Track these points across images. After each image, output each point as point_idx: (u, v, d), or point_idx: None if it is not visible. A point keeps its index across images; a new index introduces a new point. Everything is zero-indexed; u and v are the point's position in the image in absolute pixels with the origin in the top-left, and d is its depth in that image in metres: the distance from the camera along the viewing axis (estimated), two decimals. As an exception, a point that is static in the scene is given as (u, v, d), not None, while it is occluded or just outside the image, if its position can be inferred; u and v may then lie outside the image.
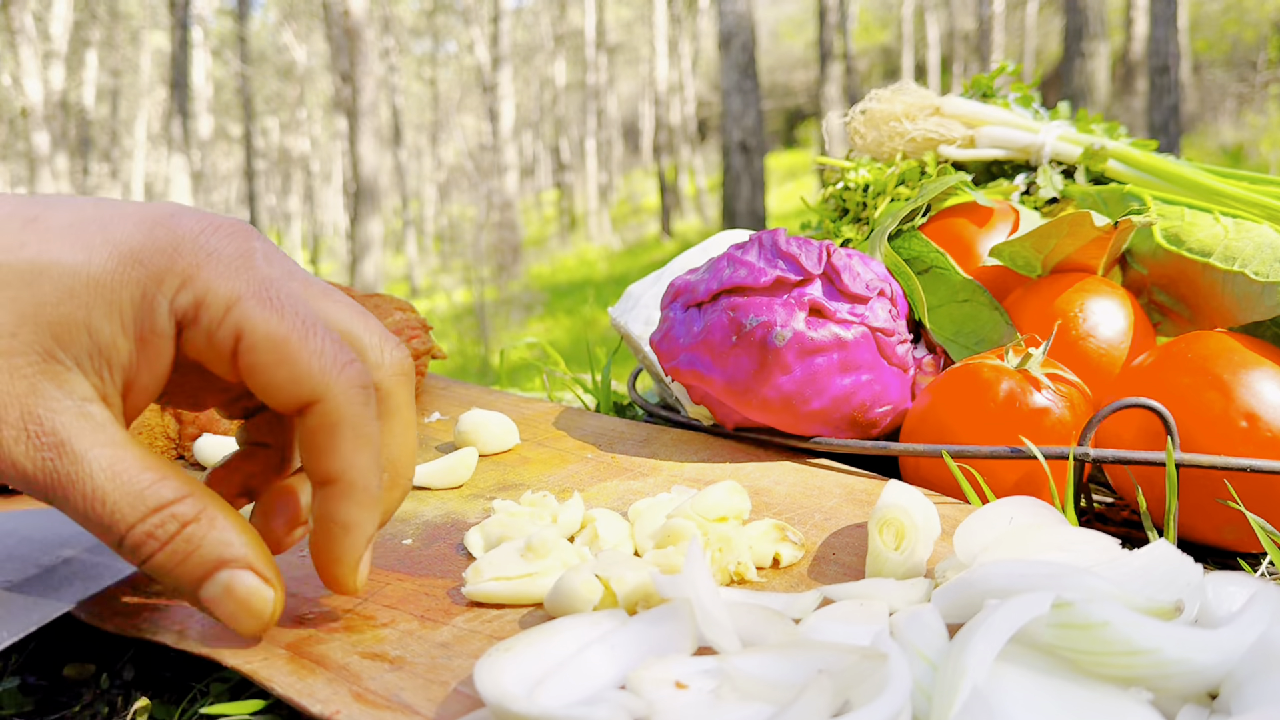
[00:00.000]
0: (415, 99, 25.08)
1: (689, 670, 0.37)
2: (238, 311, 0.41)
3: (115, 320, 0.41)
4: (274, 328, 0.42)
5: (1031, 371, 0.59)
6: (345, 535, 0.44)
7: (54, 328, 0.40)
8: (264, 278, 0.43)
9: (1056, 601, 0.35)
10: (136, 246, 0.41)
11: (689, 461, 0.66)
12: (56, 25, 12.51)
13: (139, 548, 0.41)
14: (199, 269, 0.42)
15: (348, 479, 0.43)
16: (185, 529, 0.42)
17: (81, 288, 0.40)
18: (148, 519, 0.41)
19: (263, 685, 0.41)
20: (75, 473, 0.40)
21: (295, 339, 0.42)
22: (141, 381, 0.43)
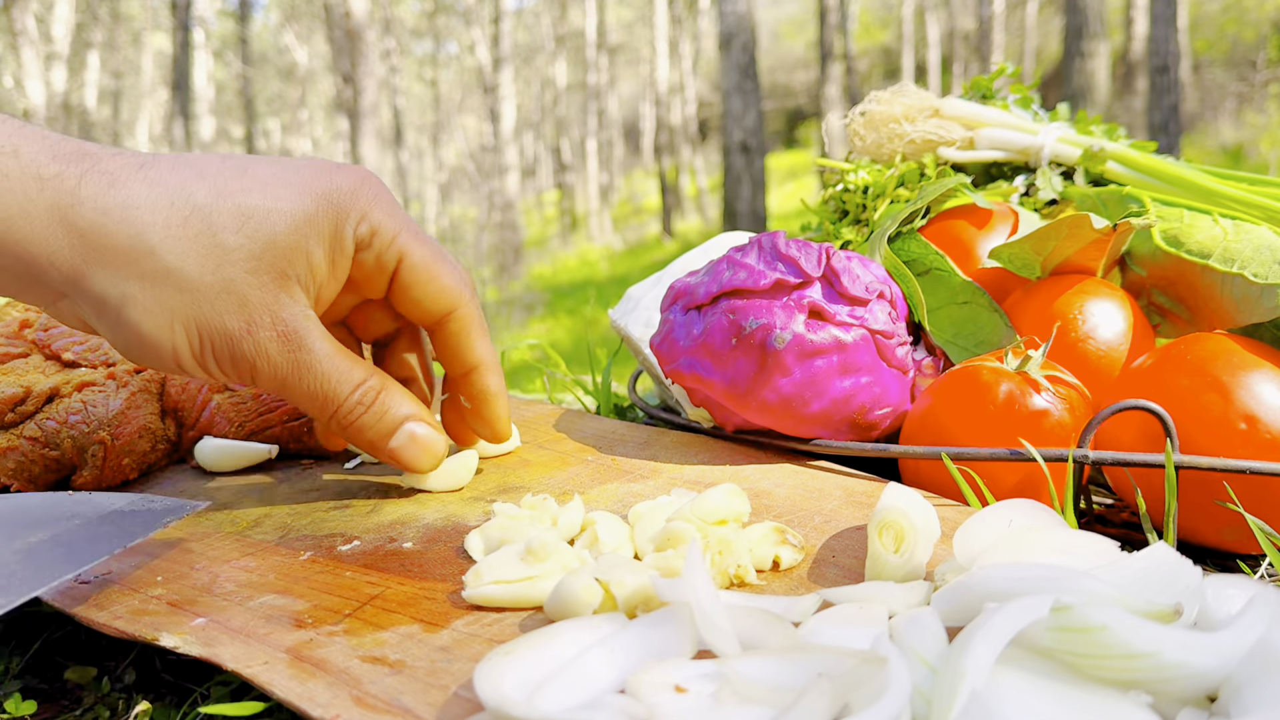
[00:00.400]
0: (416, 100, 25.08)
1: (689, 674, 0.37)
2: (401, 240, 0.58)
3: (321, 246, 0.55)
4: (426, 254, 0.59)
5: (1031, 373, 0.60)
6: (500, 398, 0.64)
7: (286, 252, 0.53)
8: (410, 220, 0.59)
9: (1055, 605, 0.35)
10: (328, 190, 0.55)
11: (689, 464, 0.66)
12: (58, 27, 12.52)
13: (350, 413, 0.57)
14: (372, 208, 0.56)
15: (488, 360, 0.63)
16: (379, 396, 0.58)
17: (301, 222, 0.54)
18: (356, 390, 0.57)
19: (263, 689, 0.41)
20: (310, 361, 0.55)
21: (440, 264, 0.59)
22: (325, 294, 0.57)
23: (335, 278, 0.57)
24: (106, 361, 0.73)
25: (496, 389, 0.64)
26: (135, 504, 0.55)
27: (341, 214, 0.55)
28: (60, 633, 0.57)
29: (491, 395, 0.64)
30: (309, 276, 0.55)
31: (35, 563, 0.48)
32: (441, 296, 0.60)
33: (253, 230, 0.52)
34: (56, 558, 0.49)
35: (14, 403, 0.68)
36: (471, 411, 0.64)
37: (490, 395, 0.64)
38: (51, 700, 0.52)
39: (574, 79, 22.19)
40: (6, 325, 0.79)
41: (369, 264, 0.58)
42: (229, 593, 0.51)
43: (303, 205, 0.54)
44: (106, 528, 0.52)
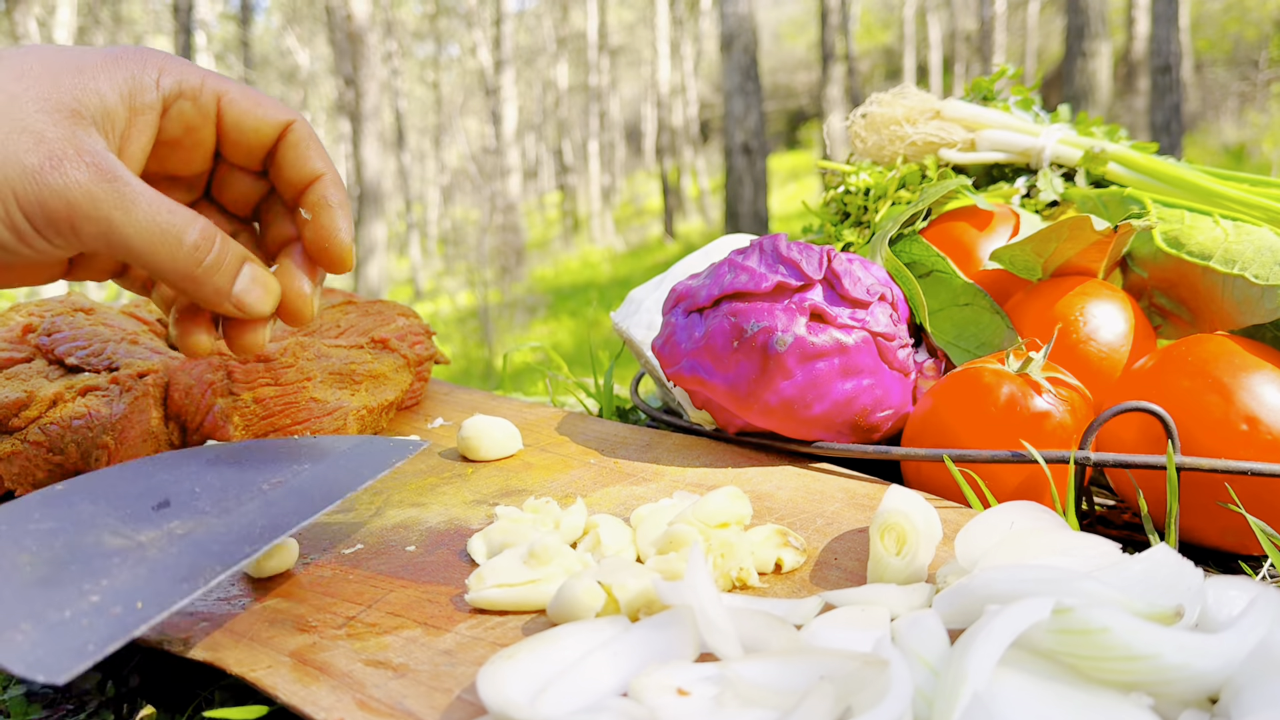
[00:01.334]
0: (418, 102, 25.09)
1: (691, 677, 0.37)
2: (211, 84, 0.55)
3: (115, 91, 0.51)
4: (241, 87, 0.57)
5: (1032, 375, 0.60)
6: (341, 210, 0.59)
7: (73, 91, 0.49)
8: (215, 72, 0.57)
9: (1057, 607, 0.35)
10: (115, 51, 0.52)
11: (691, 466, 0.66)
12: (60, 31, 12.53)
13: (196, 250, 0.52)
14: (168, 63, 0.54)
15: (330, 170, 0.59)
16: (218, 235, 0.53)
17: (88, 65, 0.51)
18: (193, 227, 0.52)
19: (266, 692, 0.42)
20: (134, 192, 0.49)
21: (257, 91, 0.57)
22: (130, 149, 0.53)
23: (140, 130, 0.53)
24: (110, 366, 0.74)
25: (337, 200, 0.59)
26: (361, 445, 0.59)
27: (136, 64, 0.52)
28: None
29: (332, 204, 0.59)
30: (105, 120, 0.51)
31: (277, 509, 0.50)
32: (271, 115, 0.57)
33: (35, 76, 0.49)
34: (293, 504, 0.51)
35: (18, 407, 0.68)
36: (311, 225, 0.59)
37: (330, 204, 0.59)
38: (56, 704, 0.52)
39: (576, 81, 22.20)
40: (10, 330, 0.79)
41: (189, 113, 0.55)
42: (233, 596, 0.51)
43: (91, 59, 0.51)
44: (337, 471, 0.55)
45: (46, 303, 0.84)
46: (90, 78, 0.50)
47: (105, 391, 0.70)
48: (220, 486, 0.52)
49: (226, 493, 0.51)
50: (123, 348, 0.76)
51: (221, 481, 0.53)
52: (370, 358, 0.78)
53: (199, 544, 0.46)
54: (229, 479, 0.53)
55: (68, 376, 0.73)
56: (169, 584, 0.42)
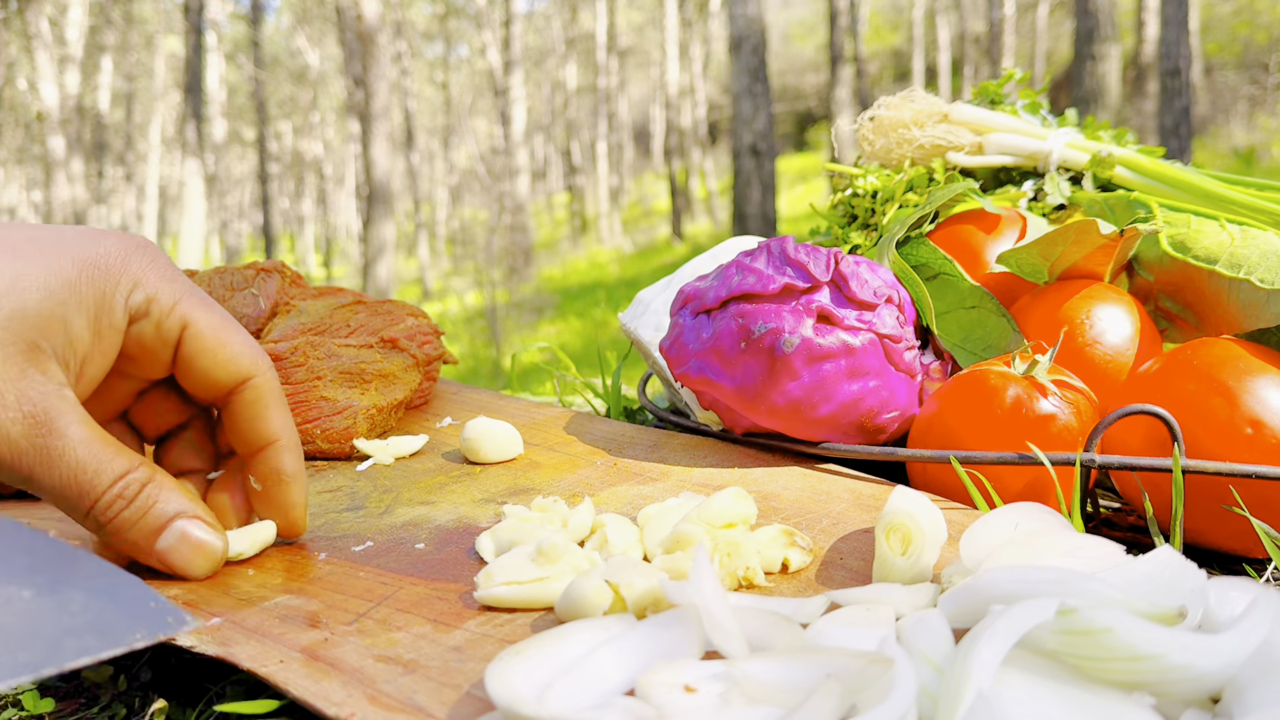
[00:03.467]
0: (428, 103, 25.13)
1: (697, 674, 0.37)
2: (182, 308, 0.52)
3: (84, 316, 0.49)
4: (213, 320, 0.53)
5: (1038, 378, 0.60)
6: (295, 481, 0.56)
7: (39, 322, 0.47)
8: (192, 286, 0.53)
9: (1061, 608, 0.35)
10: (94, 256, 0.50)
11: (698, 467, 0.67)
12: (72, 30, 12.58)
13: (109, 508, 0.49)
14: (146, 274, 0.51)
15: (286, 436, 0.55)
16: (144, 489, 0.50)
17: (58, 289, 0.48)
18: (116, 483, 0.49)
19: (278, 688, 0.42)
20: (61, 448, 0.48)
21: (229, 330, 0.53)
22: (90, 372, 0.51)
23: (102, 352, 0.51)
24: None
25: (293, 471, 0.55)
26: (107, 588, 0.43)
27: (110, 280, 0.50)
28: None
29: (286, 477, 0.55)
30: (67, 350, 0.49)
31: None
32: (232, 364, 0.53)
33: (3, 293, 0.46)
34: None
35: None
36: (262, 496, 0.56)
37: (284, 477, 0.55)
38: (69, 698, 0.53)
39: (584, 82, 22.21)
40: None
41: (148, 336, 0.52)
42: (244, 593, 0.51)
43: (62, 271, 0.48)
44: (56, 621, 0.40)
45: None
46: (58, 301, 0.48)
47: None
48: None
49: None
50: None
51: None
52: (380, 357, 0.79)
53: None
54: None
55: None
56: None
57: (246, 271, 0.89)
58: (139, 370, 0.54)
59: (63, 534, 0.61)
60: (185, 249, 11.79)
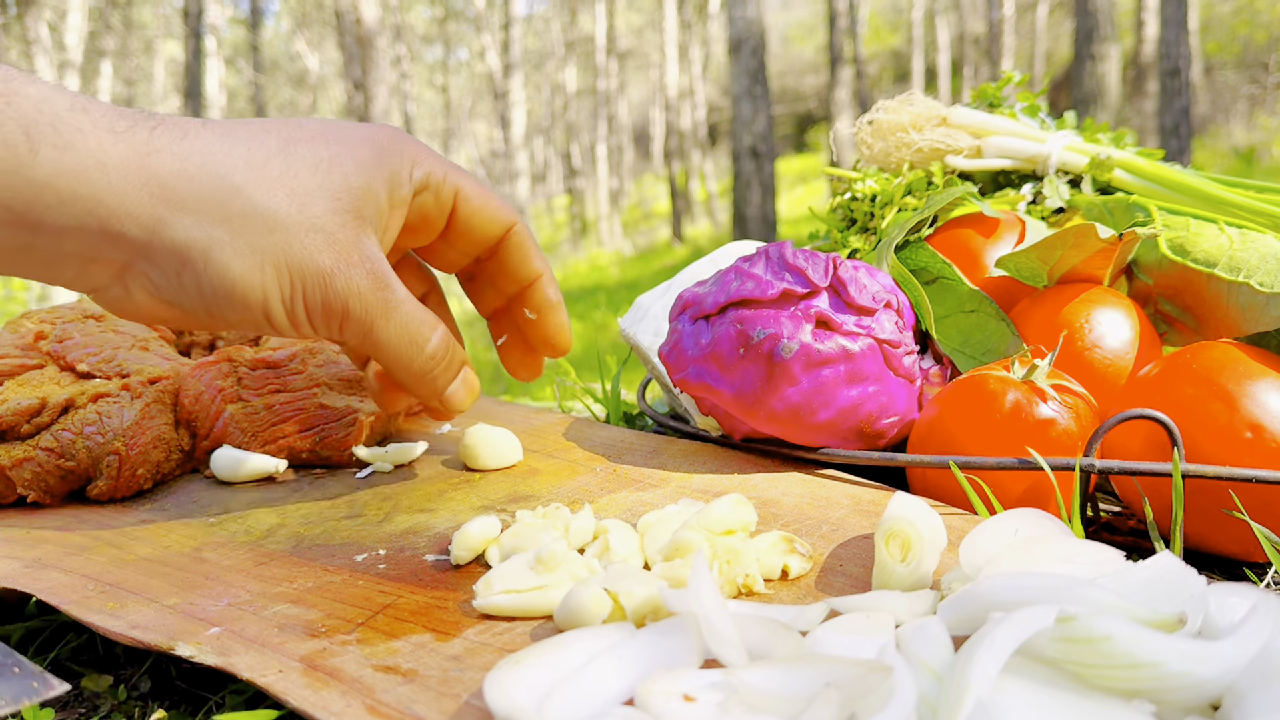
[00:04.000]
0: (427, 106, 25.15)
1: (696, 683, 0.37)
2: (452, 179, 0.60)
3: (385, 191, 0.56)
4: (477, 186, 0.61)
5: (1037, 382, 0.60)
6: (561, 307, 0.66)
7: (358, 193, 0.54)
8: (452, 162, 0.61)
9: (1060, 615, 0.35)
10: (379, 139, 0.56)
11: (697, 473, 0.67)
12: (71, 35, 12.58)
13: (434, 357, 0.59)
14: (420, 154, 0.58)
15: (547, 270, 0.66)
16: (448, 342, 0.60)
17: (367, 165, 0.55)
18: (435, 336, 0.58)
19: (277, 698, 0.42)
20: (397, 301, 0.55)
21: (490, 193, 0.62)
22: (386, 238, 0.57)
23: (396, 221, 0.58)
24: (121, 373, 0.74)
25: (557, 298, 0.66)
26: None
27: (397, 159, 0.56)
28: (76, 641, 0.58)
29: (554, 304, 0.66)
30: (378, 219, 0.55)
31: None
32: (499, 217, 0.62)
33: (327, 171, 0.53)
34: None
35: (30, 414, 0.69)
36: (535, 324, 0.66)
37: (554, 304, 0.66)
38: (68, 708, 0.53)
39: (584, 84, 22.23)
40: (21, 337, 0.80)
41: (429, 205, 0.59)
42: (243, 602, 0.51)
43: (364, 151, 0.55)
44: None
45: (58, 310, 0.84)
46: (368, 176, 0.54)
47: (116, 398, 0.71)
48: None
49: None
50: (134, 354, 0.76)
51: None
52: (379, 364, 0.79)
53: None
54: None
55: (79, 383, 0.74)
56: None
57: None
58: (415, 239, 0.62)
59: (63, 544, 0.61)
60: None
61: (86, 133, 0.47)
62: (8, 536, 0.63)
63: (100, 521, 0.66)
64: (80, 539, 0.62)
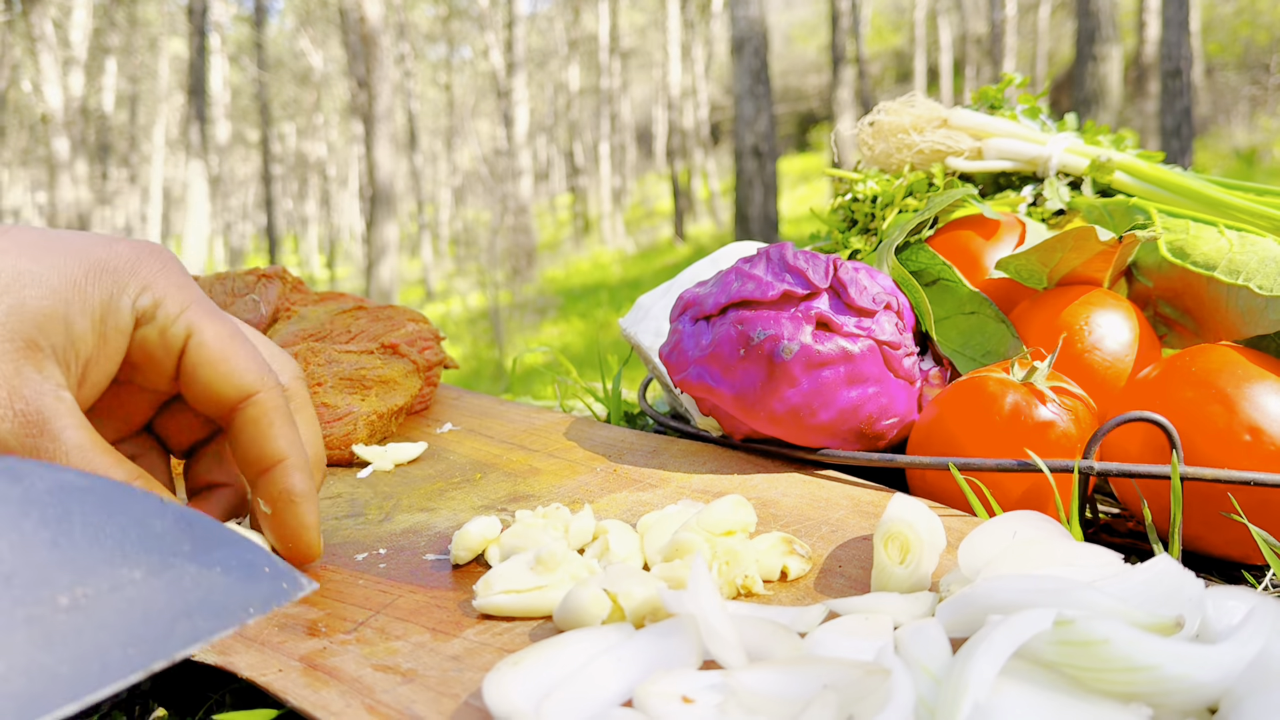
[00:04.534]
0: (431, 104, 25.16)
1: (695, 685, 0.38)
2: (189, 315, 0.50)
3: (87, 318, 0.47)
4: (219, 331, 0.50)
5: (1037, 385, 0.60)
6: (304, 502, 0.52)
7: (38, 319, 0.45)
8: (203, 296, 0.52)
9: (1058, 618, 0.36)
10: (103, 258, 0.48)
11: (697, 473, 0.67)
12: (76, 32, 12.59)
13: None
14: (156, 279, 0.49)
15: (293, 455, 0.51)
16: None
17: (62, 287, 0.46)
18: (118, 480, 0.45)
19: (277, 697, 0.42)
20: (54, 450, 0.45)
21: (235, 342, 0.51)
22: (93, 376, 0.49)
23: (107, 356, 0.49)
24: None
25: (302, 491, 0.51)
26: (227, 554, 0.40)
27: (117, 283, 0.48)
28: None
29: (295, 497, 0.51)
30: (69, 350, 0.47)
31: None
32: (234, 379, 0.50)
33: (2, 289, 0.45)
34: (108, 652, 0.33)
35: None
36: (272, 519, 0.52)
37: (292, 497, 0.51)
38: (69, 706, 0.53)
39: (587, 83, 22.22)
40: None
41: (152, 342, 0.50)
42: (244, 601, 0.51)
43: (66, 270, 0.47)
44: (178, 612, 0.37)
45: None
46: (62, 301, 0.46)
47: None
48: None
49: None
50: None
51: None
52: (380, 363, 0.79)
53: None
54: None
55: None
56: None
57: (248, 277, 0.89)
58: (144, 380, 0.52)
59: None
60: (189, 250, 11.80)
61: None
62: (9, 534, 0.63)
63: (102, 520, 0.66)
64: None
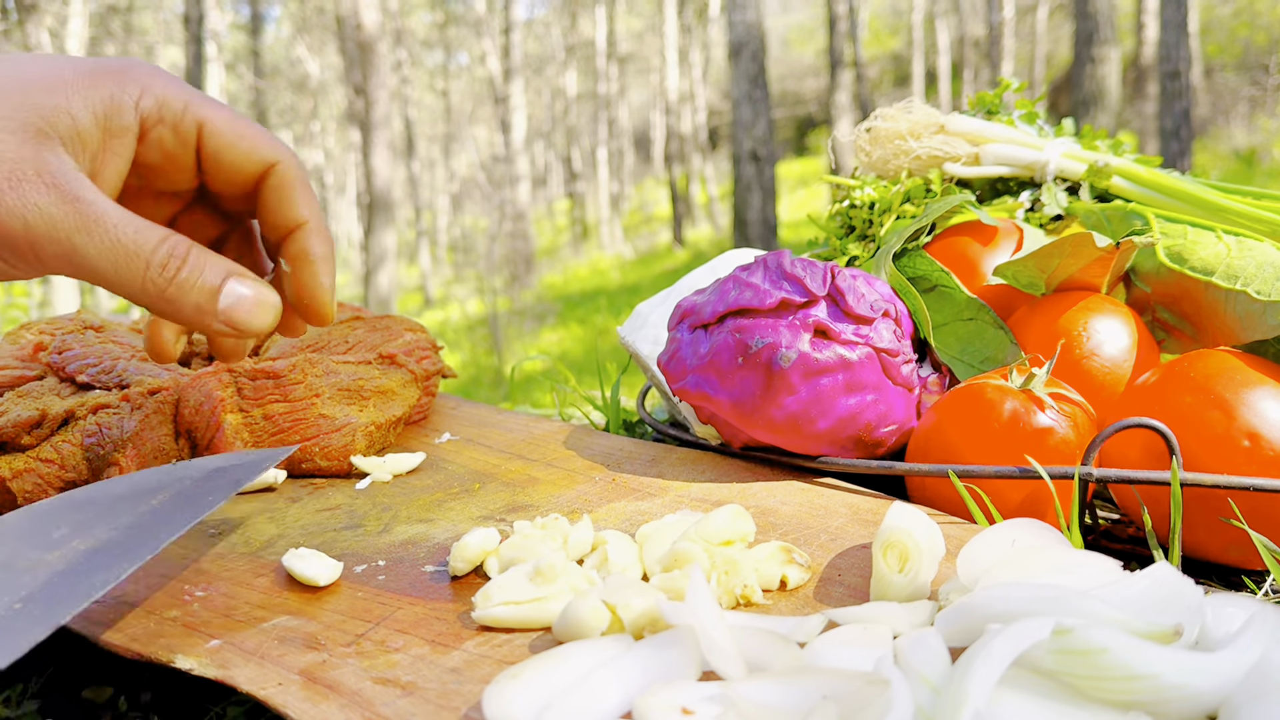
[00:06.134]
0: (428, 111, 25.17)
1: (694, 696, 0.38)
2: (194, 108, 0.52)
3: (89, 112, 0.48)
4: (228, 115, 0.53)
5: (1035, 391, 0.60)
6: (323, 264, 0.55)
7: (42, 110, 0.47)
8: (199, 91, 0.53)
9: (1057, 627, 0.36)
10: (97, 65, 0.50)
11: (696, 482, 0.67)
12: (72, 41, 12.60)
13: (164, 269, 0.49)
14: (153, 80, 0.51)
15: (314, 218, 0.55)
16: (190, 250, 0.50)
17: (61, 84, 0.48)
18: (162, 245, 0.49)
19: (277, 711, 0.42)
20: (97, 216, 0.47)
21: (245, 122, 0.53)
22: (106, 174, 0.50)
23: (116, 153, 0.50)
24: (121, 383, 0.74)
25: (321, 253, 0.55)
26: (233, 460, 0.60)
27: (116, 83, 0.50)
28: (78, 653, 0.58)
29: (314, 258, 0.55)
30: (76, 142, 0.48)
31: (161, 518, 0.52)
32: (255, 153, 0.54)
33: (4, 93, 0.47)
34: (178, 510, 0.53)
35: (30, 425, 0.69)
36: (291, 278, 0.55)
37: (312, 257, 0.55)
38: (69, 718, 0.53)
39: (584, 88, 22.24)
40: (21, 349, 0.80)
41: (166, 140, 0.52)
42: (243, 614, 0.51)
43: (65, 74, 0.49)
44: (215, 480, 0.57)
45: (57, 321, 0.85)
46: (63, 97, 0.48)
47: (116, 409, 0.71)
48: None
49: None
50: (133, 365, 0.77)
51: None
52: (378, 373, 0.79)
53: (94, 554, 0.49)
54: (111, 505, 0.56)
55: (79, 394, 0.74)
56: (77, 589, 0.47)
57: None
58: (169, 182, 0.54)
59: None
60: (187, 259, 11.77)
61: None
62: (8, 548, 0.63)
63: (101, 532, 0.66)
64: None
